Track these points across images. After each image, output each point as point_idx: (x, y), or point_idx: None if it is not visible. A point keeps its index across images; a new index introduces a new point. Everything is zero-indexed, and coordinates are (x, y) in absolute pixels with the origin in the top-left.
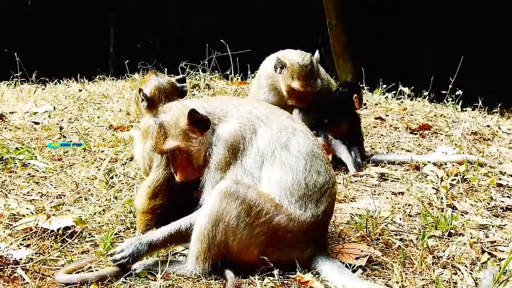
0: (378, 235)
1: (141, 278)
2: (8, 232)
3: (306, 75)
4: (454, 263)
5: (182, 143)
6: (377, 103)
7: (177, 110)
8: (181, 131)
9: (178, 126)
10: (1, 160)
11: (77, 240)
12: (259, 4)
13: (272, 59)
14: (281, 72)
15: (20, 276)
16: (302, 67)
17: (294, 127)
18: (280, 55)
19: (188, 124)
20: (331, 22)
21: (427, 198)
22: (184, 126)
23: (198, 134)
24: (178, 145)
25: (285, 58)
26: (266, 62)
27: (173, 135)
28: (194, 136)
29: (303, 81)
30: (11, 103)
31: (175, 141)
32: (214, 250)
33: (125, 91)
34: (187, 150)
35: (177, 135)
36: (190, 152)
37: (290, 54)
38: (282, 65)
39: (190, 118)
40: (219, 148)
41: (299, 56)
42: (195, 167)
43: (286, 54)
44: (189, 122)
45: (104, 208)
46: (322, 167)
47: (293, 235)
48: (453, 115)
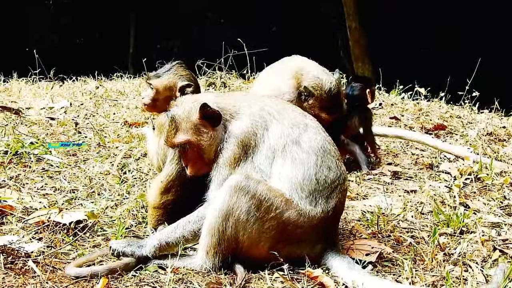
0: (389, 232)
1: (151, 272)
2: (20, 225)
3: (334, 105)
4: (465, 260)
5: (192, 137)
6: (393, 104)
7: (189, 104)
8: (192, 125)
9: (189, 120)
10: (16, 155)
11: (89, 234)
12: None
13: (287, 72)
14: (306, 100)
15: (31, 268)
16: (331, 98)
17: (306, 122)
18: (298, 69)
19: (199, 118)
20: (351, 25)
21: (440, 197)
22: (195, 120)
23: (210, 128)
24: (188, 139)
25: (310, 84)
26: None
27: (184, 129)
28: (205, 131)
29: (331, 111)
30: (28, 99)
31: (185, 135)
32: (224, 245)
33: (141, 89)
34: (197, 144)
35: (188, 129)
36: (200, 147)
37: (314, 77)
38: (308, 94)
39: (201, 112)
40: (229, 144)
41: (326, 83)
42: (205, 161)
43: (307, 73)
44: (201, 116)
45: (117, 202)
46: (333, 163)
47: (303, 231)
48: (469, 116)
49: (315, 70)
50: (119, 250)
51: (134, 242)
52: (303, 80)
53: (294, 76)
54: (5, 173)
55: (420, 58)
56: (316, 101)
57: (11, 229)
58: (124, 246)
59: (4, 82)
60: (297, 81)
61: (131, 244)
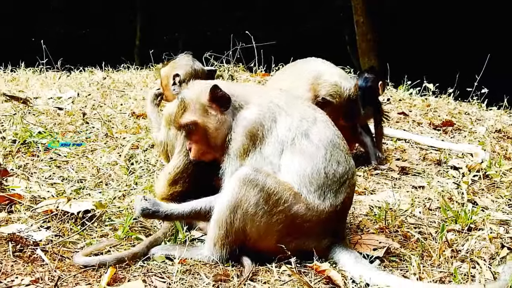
0: (397, 227)
1: (159, 262)
2: (29, 214)
3: (352, 111)
4: (472, 257)
5: (200, 119)
6: (401, 99)
7: (199, 86)
8: (200, 106)
9: (198, 101)
10: (24, 144)
11: (97, 223)
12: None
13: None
14: (324, 109)
15: (39, 257)
16: (349, 105)
17: (315, 116)
18: (314, 78)
19: (209, 100)
20: (359, 20)
21: (448, 193)
22: (204, 102)
23: (218, 111)
24: (195, 120)
25: (328, 93)
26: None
27: (192, 110)
28: (213, 113)
29: (349, 117)
30: (36, 88)
31: (193, 115)
32: (232, 237)
33: (148, 80)
34: (204, 127)
35: (196, 109)
36: (207, 129)
37: (332, 85)
38: (327, 102)
39: (211, 93)
40: (237, 135)
41: (345, 90)
42: (211, 146)
43: (324, 81)
44: (210, 98)
45: (124, 193)
46: (342, 157)
47: (311, 224)
48: (478, 113)
49: (332, 77)
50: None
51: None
52: (321, 89)
53: (310, 88)
54: (13, 162)
55: (428, 54)
56: (335, 109)
57: (20, 218)
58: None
59: (12, 72)
60: (313, 93)
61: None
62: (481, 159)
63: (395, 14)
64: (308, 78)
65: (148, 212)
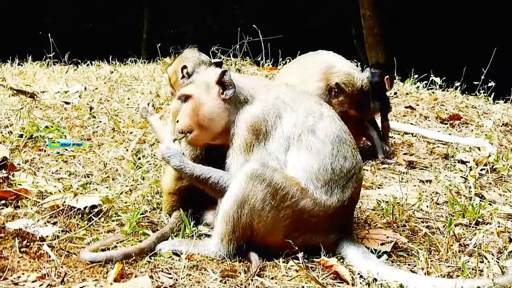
0: (405, 222)
1: (166, 258)
2: (35, 209)
3: (364, 102)
4: (480, 251)
5: (197, 94)
6: (408, 93)
7: (212, 70)
8: (204, 84)
9: (205, 80)
10: (31, 138)
11: (103, 219)
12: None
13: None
14: (337, 96)
15: (46, 252)
16: (362, 95)
17: (322, 111)
18: (326, 68)
19: (215, 82)
20: (365, 14)
21: (455, 187)
22: (210, 82)
23: (219, 96)
24: (194, 93)
25: (342, 81)
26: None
27: (196, 85)
28: (214, 96)
29: (360, 108)
30: (43, 82)
31: (193, 89)
32: (239, 232)
33: (156, 74)
34: (198, 103)
35: (199, 86)
36: (200, 106)
37: (345, 74)
38: (340, 90)
39: (220, 76)
40: (240, 129)
41: (358, 80)
42: (200, 125)
43: (338, 70)
44: (217, 80)
45: (131, 188)
46: (349, 152)
47: (319, 220)
48: (485, 106)
49: (345, 67)
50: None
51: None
52: (333, 78)
53: (322, 77)
54: (20, 157)
55: (435, 47)
56: (347, 98)
57: (26, 213)
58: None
59: (19, 65)
60: (326, 82)
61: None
62: (488, 153)
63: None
64: (320, 67)
65: (164, 157)
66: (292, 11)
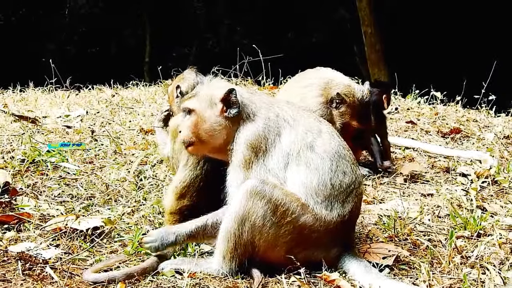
0: (406, 236)
1: (168, 276)
2: (38, 232)
3: (365, 113)
4: (482, 263)
5: (201, 109)
6: (409, 108)
7: (218, 84)
8: (208, 100)
9: (210, 95)
10: (33, 163)
11: (106, 240)
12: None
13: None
14: (337, 107)
15: (49, 275)
16: (363, 106)
17: (320, 128)
18: (325, 84)
19: (220, 99)
20: (367, 31)
21: (457, 200)
22: (214, 98)
23: (222, 113)
24: (196, 108)
25: (343, 92)
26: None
27: (200, 99)
28: (216, 113)
29: (362, 119)
30: (45, 108)
31: (197, 104)
32: (241, 249)
33: (157, 96)
34: (200, 118)
35: (203, 100)
36: (201, 122)
37: (345, 85)
38: (341, 101)
39: (226, 94)
40: (239, 146)
41: (358, 91)
42: (201, 139)
43: (337, 84)
44: (223, 98)
45: (133, 209)
46: (348, 167)
47: (319, 235)
48: (486, 119)
49: (345, 80)
50: (151, 245)
51: (159, 237)
52: (334, 90)
53: (322, 93)
54: (22, 181)
55: (435, 62)
56: (348, 108)
57: (29, 236)
58: (157, 238)
59: (21, 92)
60: (326, 97)
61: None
62: (489, 166)
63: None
64: (319, 83)
65: (157, 247)
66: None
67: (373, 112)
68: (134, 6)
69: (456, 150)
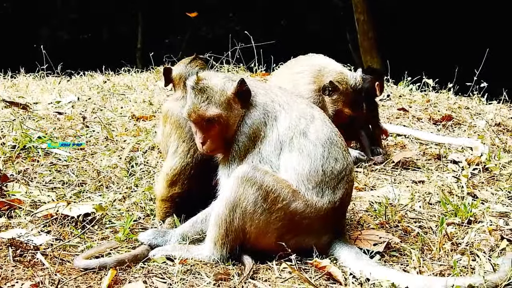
0: (397, 222)
1: (159, 263)
2: (29, 218)
3: (358, 101)
4: (472, 250)
5: (224, 112)
6: (401, 95)
7: (220, 79)
8: (226, 99)
9: (224, 94)
10: (24, 149)
11: (97, 226)
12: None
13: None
14: (330, 94)
15: (40, 261)
16: (355, 93)
17: (313, 114)
18: (317, 71)
19: (233, 93)
20: (359, 18)
21: (448, 187)
22: (229, 94)
23: (239, 106)
24: (221, 113)
25: (335, 79)
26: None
27: (217, 102)
28: (235, 107)
29: (355, 107)
30: (36, 94)
31: (218, 108)
32: (232, 236)
33: (149, 83)
34: (226, 120)
35: (222, 102)
36: (228, 124)
37: (338, 72)
38: (334, 88)
39: (239, 87)
40: (242, 135)
41: (351, 78)
42: (224, 141)
43: (329, 71)
44: (236, 91)
45: (124, 195)
46: (340, 154)
47: (310, 221)
48: (477, 107)
49: (337, 67)
50: (146, 242)
51: (159, 236)
52: (326, 78)
53: (314, 80)
54: (13, 168)
55: (427, 49)
56: (341, 96)
57: (20, 223)
58: (151, 238)
59: (12, 78)
60: (318, 84)
61: (156, 238)
62: (480, 153)
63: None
64: (311, 70)
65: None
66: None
67: (365, 100)
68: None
69: (448, 137)
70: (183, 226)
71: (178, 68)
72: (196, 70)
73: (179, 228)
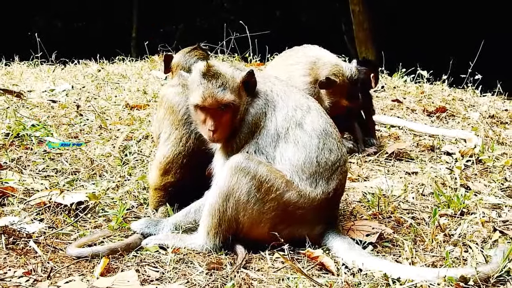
0: (390, 213)
1: (152, 252)
2: (22, 206)
3: (355, 92)
4: (465, 241)
5: (237, 99)
6: (396, 87)
7: (228, 67)
8: (237, 87)
9: (235, 81)
10: (18, 137)
11: (90, 215)
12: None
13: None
14: (327, 87)
15: (32, 249)
16: (352, 84)
17: (309, 105)
18: (312, 63)
19: (241, 82)
20: (355, 9)
21: (441, 178)
22: (239, 83)
23: (245, 95)
24: (235, 99)
25: (332, 72)
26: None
27: (231, 89)
28: (243, 95)
29: (351, 98)
30: (30, 82)
31: (232, 95)
32: (225, 225)
33: (143, 72)
34: (238, 108)
35: (235, 89)
36: (237, 111)
37: (333, 65)
38: (330, 82)
39: (248, 76)
40: (245, 124)
41: (347, 69)
42: (231, 128)
43: (324, 63)
44: (244, 80)
45: (118, 184)
46: (334, 145)
47: (304, 212)
48: (471, 99)
49: (332, 59)
50: (139, 231)
51: (151, 224)
52: (322, 71)
53: (309, 72)
54: (6, 155)
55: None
56: (338, 88)
57: (13, 210)
58: (144, 227)
59: (6, 66)
60: (313, 76)
61: (149, 226)
62: (474, 145)
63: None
64: (306, 62)
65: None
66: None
67: (360, 91)
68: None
69: (441, 128)
70: (176, 216)
71: (178, 56)
72: (195, 59)
73: (172, 218)
